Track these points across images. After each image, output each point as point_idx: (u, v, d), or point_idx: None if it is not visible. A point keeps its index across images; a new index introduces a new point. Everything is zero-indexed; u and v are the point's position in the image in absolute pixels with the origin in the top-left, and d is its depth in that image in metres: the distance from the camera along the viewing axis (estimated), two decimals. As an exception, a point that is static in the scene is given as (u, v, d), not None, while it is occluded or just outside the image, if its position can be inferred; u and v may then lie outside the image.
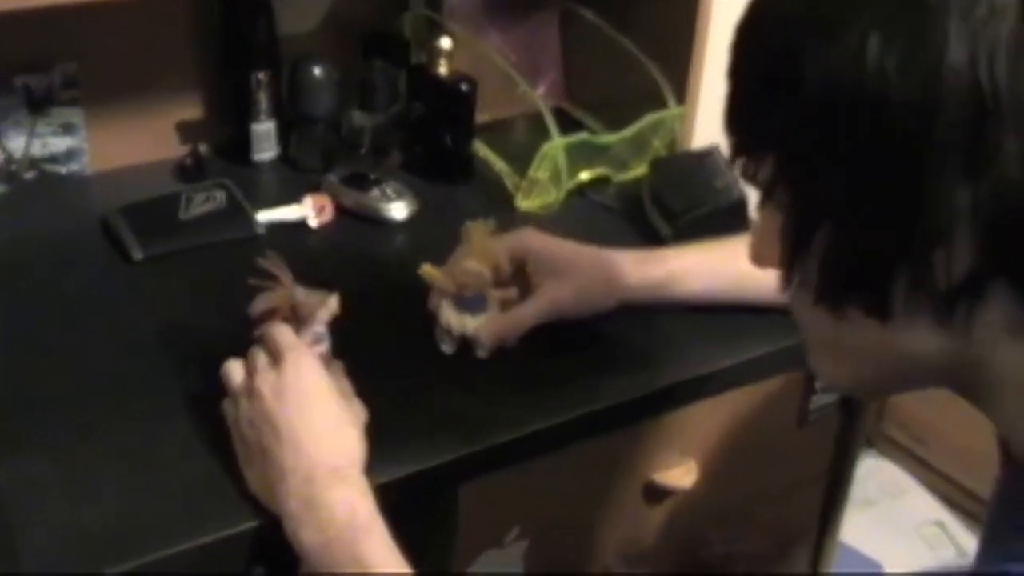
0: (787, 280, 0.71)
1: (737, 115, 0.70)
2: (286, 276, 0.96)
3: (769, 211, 0.71)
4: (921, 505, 2.18)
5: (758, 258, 0.77)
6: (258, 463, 0.90)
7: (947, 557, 2.07)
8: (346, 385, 0.96)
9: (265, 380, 0.91)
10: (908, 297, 0.65)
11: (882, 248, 0.65)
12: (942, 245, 0.63)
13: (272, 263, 0.96)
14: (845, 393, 0.83)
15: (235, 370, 0.94)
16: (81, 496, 0.91)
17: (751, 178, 0.70)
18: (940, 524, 2.15)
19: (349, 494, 0.87)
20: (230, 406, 0.94)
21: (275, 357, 0.93)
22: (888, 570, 2.01)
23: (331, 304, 0.97)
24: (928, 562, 2.05)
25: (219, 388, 0.95)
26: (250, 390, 0.91)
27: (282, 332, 0.94)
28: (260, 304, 0.97)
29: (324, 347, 0.98)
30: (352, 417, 0.93)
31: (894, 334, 0.67)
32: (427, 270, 1.09)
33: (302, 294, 0.96)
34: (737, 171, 0.72)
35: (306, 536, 0.86)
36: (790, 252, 0.69)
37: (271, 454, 0.88)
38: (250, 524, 0.90)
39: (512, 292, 1.10)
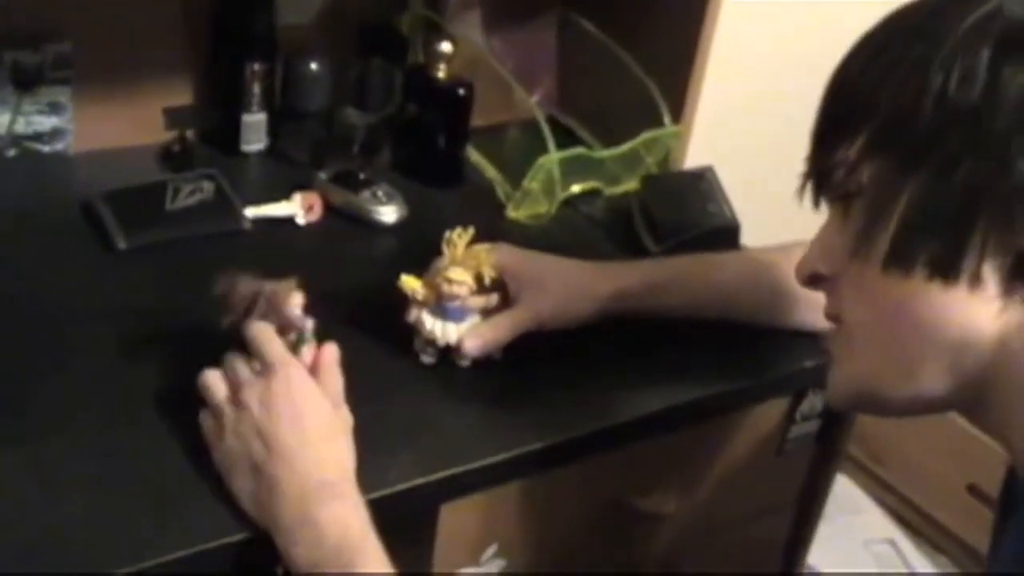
0: (852, 256, 0.74)
1: (844, 88, 0.76)
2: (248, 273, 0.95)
3: (836, 207, 0.77)
4: (874, 523, 2.20)
5: (817, 260, 0.81)
6: (246, 477, 0.88)
7: (894, 576, 2.09)
8: (338, 389, 0.94)
9: (253, 391, 0.89)
10: (981, 252, 0.69)
11: (967, 197, 0.69)
12: None
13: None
14: (862, 400, 0.83)
15: (215, 381, 0.92)
16: (48, 495, 0.88)
17: (834, 166, 0.74)
18: (891, 542, 2.17)
19: (342, 510, 0.86)
20: (208, 418, 0.91)
21: (261, 366, 0.91)
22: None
23: (298, 291, 0.95)
24: (875, 580, 2.08)
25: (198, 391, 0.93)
26: (236, 402, 0.89)
27: (269, 341, 0.92)
28: (223, 284, 0.94)
29: (310, 324, 0.94)
30: (341, 425, 0.92)
31: (952, 298, 0.70)
32: (407, 281, 1.07)
33: (270, 284, 0.94)
34: (814, 169, 0.77)
35: (299, 553, 0.84)
36: (870, 220, 0.73)
37: (261, 469, 0.87)
38: (237, 537, 0.87)
39: (494, 298, 1.08)
